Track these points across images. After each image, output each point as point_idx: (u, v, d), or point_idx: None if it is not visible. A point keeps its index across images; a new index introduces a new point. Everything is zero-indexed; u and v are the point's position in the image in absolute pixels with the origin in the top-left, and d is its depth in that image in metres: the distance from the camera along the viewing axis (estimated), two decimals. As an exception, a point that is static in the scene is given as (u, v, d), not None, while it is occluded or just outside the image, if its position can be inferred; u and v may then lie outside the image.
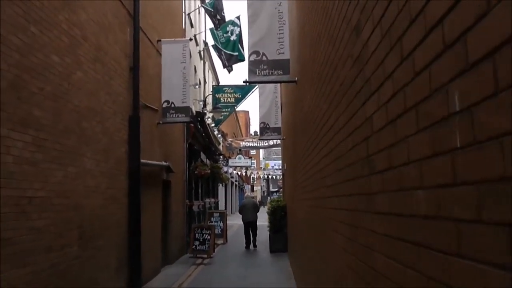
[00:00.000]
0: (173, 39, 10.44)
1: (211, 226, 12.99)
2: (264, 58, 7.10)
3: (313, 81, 4.82)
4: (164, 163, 9.98)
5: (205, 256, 12.38)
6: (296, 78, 6.98)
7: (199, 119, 14.02)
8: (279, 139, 13.53)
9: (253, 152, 62.03)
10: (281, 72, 7.00)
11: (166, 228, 10.85)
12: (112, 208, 6.99)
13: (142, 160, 8.16)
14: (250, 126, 68.49)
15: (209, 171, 14.16)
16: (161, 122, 9.86)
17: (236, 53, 16.22)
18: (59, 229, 5.21)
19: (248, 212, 15.15)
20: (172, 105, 9.87)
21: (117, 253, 7.14)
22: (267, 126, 13.04)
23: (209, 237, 12.60)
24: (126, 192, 7.61)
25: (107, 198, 6.78)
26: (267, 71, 7.02)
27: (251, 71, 7.05)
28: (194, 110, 14.49)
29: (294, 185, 8.78)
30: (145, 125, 9.07)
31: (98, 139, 6.49)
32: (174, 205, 11.62)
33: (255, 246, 14.87)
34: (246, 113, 66.98)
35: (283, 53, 7.11)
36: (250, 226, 15.00)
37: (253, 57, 7.11)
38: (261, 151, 78.22)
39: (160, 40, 10.16)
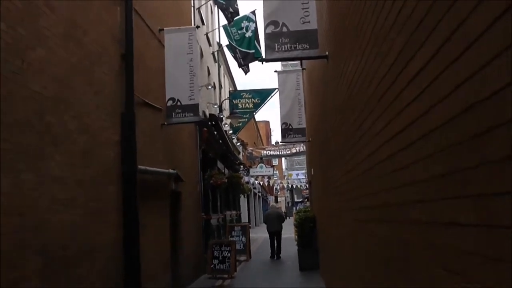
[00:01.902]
0: (177, 27, 9.03)
1: (231, 242, 11.42)
2: (284, 29, 5.56)
3: (358, 41, 3.27)
4: (171, 171, 8.49)
5: (226, 276, 10.83)
6: (326, 53, 5.41)
7: (213, 122, 12.53)
8: (304, 141, 11.92)
9: (275, 162, 60.36)
10: (307, 46, 5.44)
11: (177, 246, 9.32)
12: (97, 226, 5.50)
13: (141, 167, 6.69)
14: (272, 137, 66.85)
15: (225, 180, 12.60)
16: (165, 123, 8.41)
17: (253, 51, 14.82)
18: (8, 258, 3.73)
19: (273, 222, 14.89)
20: (178, 103, 8.41)
21: (106, 283, 5.63)
22: (290, 127, 11.47)
23: (229, 254, 11.04)
24: (117, 205, 6.13)
25: (88, 213, 5.30)
26: (288, 45, 5.47)
27: (268, 47, 5.52)
28: (207, 113, 13.05)
29: (326, 192, 7.15)
30: (146, 126, 7.63)
31: (72, 138, 5.04)
32: (186, 220, 10.10)
33: (279, 257, 14.51)
34: (267, 123, 65.32)
35: (308, 22, 5.56)
36: (275, 236, 14.74)
37: (271, 28, 5.58)
38: (284, 162, 76.49)
39: (163, 29, 8.76)
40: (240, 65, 15.03)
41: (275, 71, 11.69)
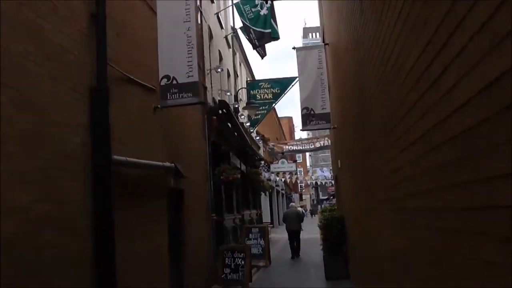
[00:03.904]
0: (173, -9, 7.52)
1: (245, 248, 9.89)
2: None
3: None
4: (166, 164, 7.00)
5: (239, 287, 9.33)
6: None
7: (224, 110, 11.00)
8: (329, 128, 10.29)
9: (299, 160, 58.40)
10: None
11: (179, 254, 7.86)
12: (50, 236, 4.05)
13: (119, 157, 5.22)
14: (295, 133, 64.85)
15: (238, 176, 11.07)
16: (159, 106, 6.93)
17: (269, 30, 13.25)
18: None
19: (292, 221, 14.97)
20: (174, 82, 6.90)
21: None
22: (311, 112, 9.88)
23: (243, 262, 9.52)
24: (83, 207, 4.66)
25: (35, 219, 3.85)
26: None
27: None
28: (217, 99, 11.54)
29: (365, 185, 5.53)
30: (133, 109, 6.20)
31: (5, 116, 3.58)
32: (191, 222, 8.62)
33: (298, 255, 14.61)
34: (290, 119, 63.24)
35: None
36: (294, 235, 14.85)
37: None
38: (308, 159, 74.37)
39: (154, -7, 7.29)
40: (254, 47, 13.48)
41: (293, 48, 10.13)
